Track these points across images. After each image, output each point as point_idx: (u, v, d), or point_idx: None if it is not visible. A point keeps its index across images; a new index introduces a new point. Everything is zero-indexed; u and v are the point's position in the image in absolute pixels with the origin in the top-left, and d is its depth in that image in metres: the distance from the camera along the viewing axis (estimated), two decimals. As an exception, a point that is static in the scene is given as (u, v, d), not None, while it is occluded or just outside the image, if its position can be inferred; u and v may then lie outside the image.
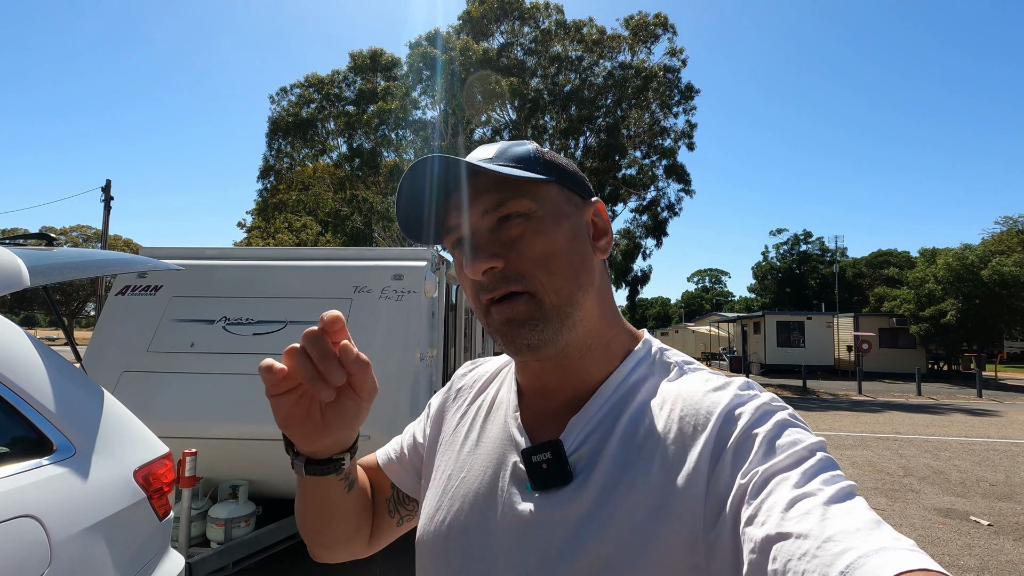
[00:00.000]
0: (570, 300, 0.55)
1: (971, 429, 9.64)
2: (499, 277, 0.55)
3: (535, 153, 0.59)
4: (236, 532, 3.33)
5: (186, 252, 4.42)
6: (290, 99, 20.70)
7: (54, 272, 1.80)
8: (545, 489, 0.54)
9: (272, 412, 0.57)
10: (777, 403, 0.52)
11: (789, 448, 0.45)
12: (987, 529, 4.60)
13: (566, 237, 0.57)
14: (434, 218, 0.60)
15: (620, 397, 0.56)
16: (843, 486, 0.42)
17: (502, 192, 0.55)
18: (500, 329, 0.56)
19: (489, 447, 0.62)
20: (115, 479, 1.64)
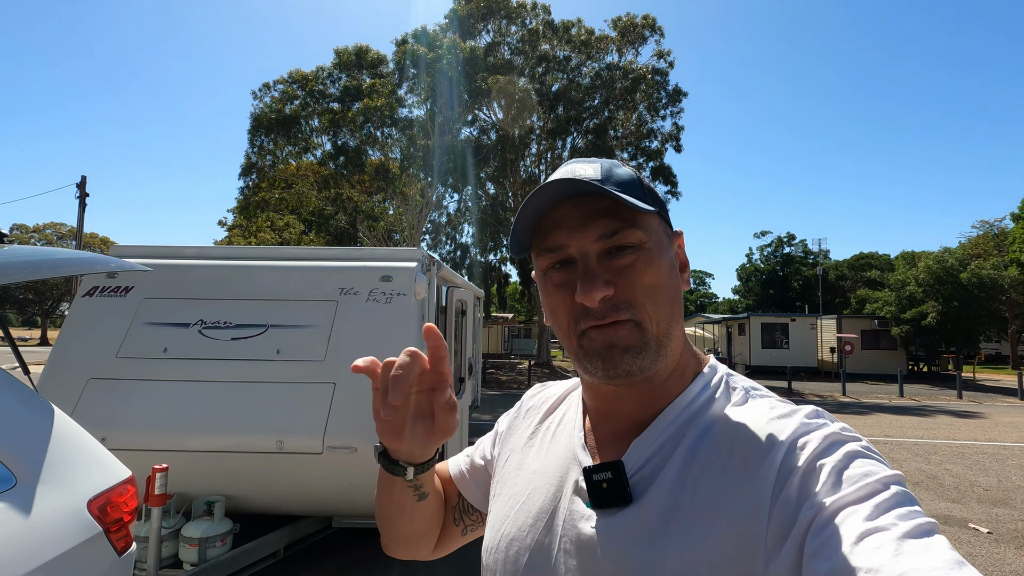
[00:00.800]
0: (668, 331, 0.56)
1: (957, 432, 9.69)
2: (609, 305, 0.55)
3: (638, 180, 0.59)
4: (211, 552, 3.10)
5: (159, 251, 4.16)
6: (273, 95, 20.27)
7: (8, 272, 1.58)
8: (605, 508, 0.54)
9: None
10: (848, 432, 0.50)
11: (861, 480, 0.44)
12: (987, 537, 4.53)
13: (667, 270, 0.57)
14: (530, 230, 0.58)
15: (684, 421, 0.56)
16: (921, 522, 0.40)
17: (617, 220, 0.55)
18: (600, 352, 0.55)
19: (554, 466, 0.63)
20: (65, 512, 1.42)
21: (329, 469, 3.26)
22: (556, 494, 0.60)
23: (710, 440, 0.53)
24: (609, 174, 0.57)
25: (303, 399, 3.39)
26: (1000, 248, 31.98)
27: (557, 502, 0.59)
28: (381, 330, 3.68)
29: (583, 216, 0.55)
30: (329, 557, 3.85)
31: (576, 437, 0.63)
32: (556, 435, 0.67)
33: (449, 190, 24.09)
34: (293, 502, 3.48)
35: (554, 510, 0.59)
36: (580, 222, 0.55)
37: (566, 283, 0.56)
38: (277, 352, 3.57)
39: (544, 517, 0.59)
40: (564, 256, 0.57)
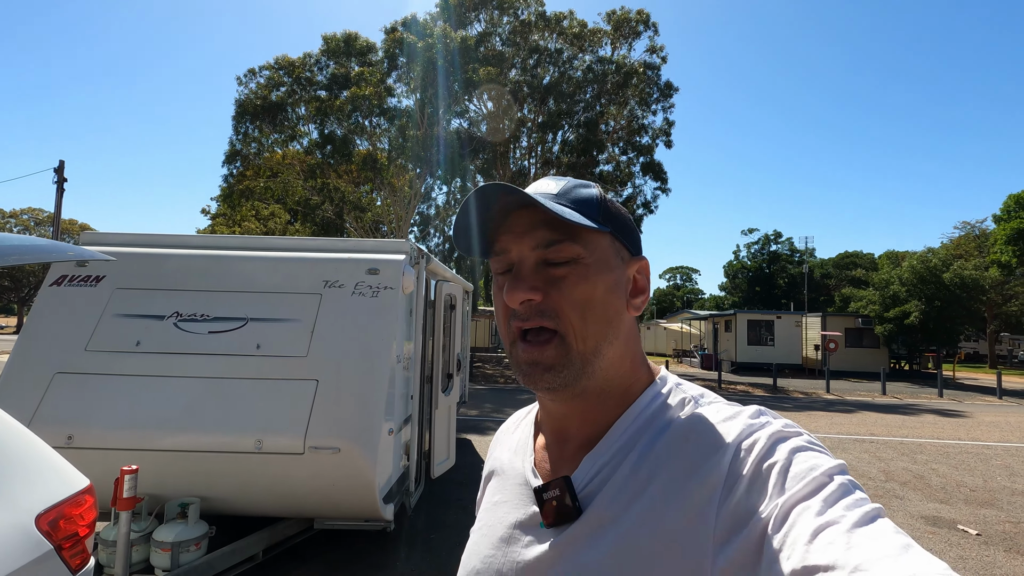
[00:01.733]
0: (595, 349, 0.56)
1: (941, 431, 9.77)
2: (535, 310, 0.56)
3: (598, 199, 0.60)
4: (185, 557, 2.95)
5: (133, 238, 3.96)
6: (259, 81, 19.82)
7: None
8: (557, 525, 0.55)
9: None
10: (791, 428, 0.51)
11: (807, 475, 0.45)
12: (976, 539, 4.52)
13: (605, 288, 0.57)
14: (484, 235, 0.61)
15: (633, 433, 0.57)
16: (867, 510, 0.41)
17: (557, 232, 0.56)
18: (523, 367, 0.57)
19: (511, 493, 0.64)
20: (8, 530, 1.27)
21: (311, 470, 3.12)
22: (514, 519, 0.61)
23: (658, 447, 0.54)
24: (568, 191, 0.59)
25: (284, 397, 3.23)
26: (981, 249, 32.50)
27: (513, 527, 0.60)
28: (367, 325, 3.53)
29: (526, 225, 0.57)
30: (310, 560, 3.71)
31: (527, 462, 0.65)
32: (512, 462, 0.68)
33: (438, 182, 23.83)
34: (273, 504, 3.34)
35: (511, 536, 0.60)
36: (523, 230, 0.57)
37: (504, 286, 0.59)
38: (257, 347, 3.41)
39: (503, 545, 0.60)
40: (507, 260, 0.59)
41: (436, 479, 5.03)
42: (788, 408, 12.50)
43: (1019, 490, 6.00)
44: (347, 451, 3.12)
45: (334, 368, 3.34)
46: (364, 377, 3.35)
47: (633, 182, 23.41)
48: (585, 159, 21.76)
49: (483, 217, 0.59)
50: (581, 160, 21.62)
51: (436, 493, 5.21)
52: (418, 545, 4.04)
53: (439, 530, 4.32)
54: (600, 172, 22.83)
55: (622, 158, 23.50)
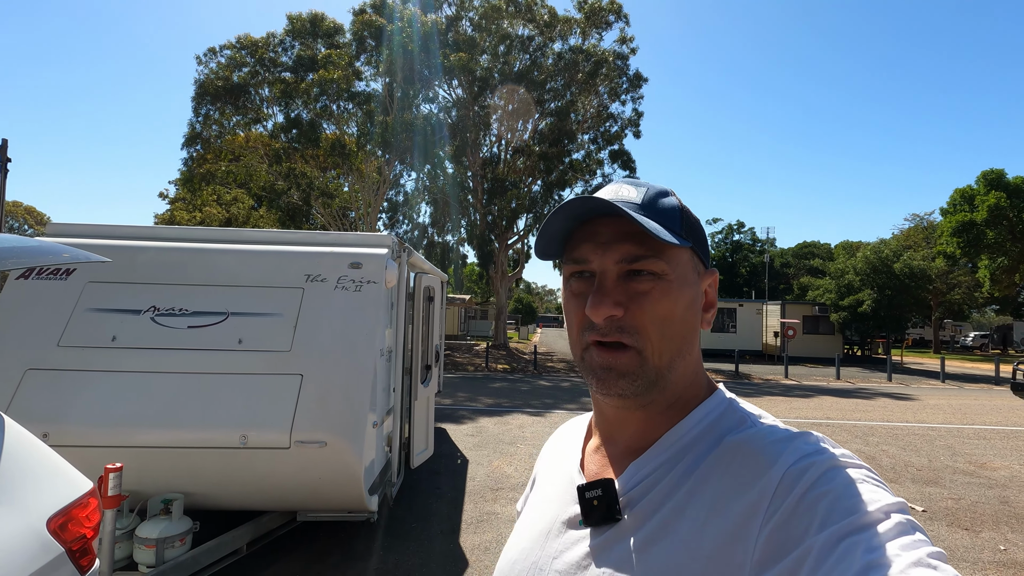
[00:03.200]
0: (670, 364, 0.57)
1: (892, 414, 10.36)
2: (615, 325, 0.56)
3: (680, 211, 0.59)
4: (170, 553, 2.94)
5: (105, 230, 3.85)
6: (219, 61, 19.11)
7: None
8: (596, 525, 0.56)
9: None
10: (850, 459, 0.49)
11: (862, 508, 0.43)
12: (921, 515, 4.86)
13: (685, 305, 0.57)
14: (564, 237, 0.60)
15: (684, 445, 0.57)
16: (928, 552, 0.39)
17: (642, 246, 0.56)
18: (597, 372, 0.56)
19: (556, 490, 0.65)
20: (23, 535, 1.28)
21: (297, 464, 3.14)
22: (555, 515, 0.62)
23: (705, 463, 0.54)
24: (652, 201, 0.58)
25: (268, 391, 3.23)
26: (929, 240, 34.17)
27: (554, 522, 0.61)
28: (350, 319, 3.54)
29: (611, 236, 0.56)
30: (294, 552, 3.73)
31: (574, 460, 0.66)
32: (562, 460, 0.70)
33: (407, 168, 23.53)
34: (257, 498, 3.34)
35: (550, 530, 0.61)
36: (607, 241, 0.57)
37: (582, 293, 0.58)
38: (239, 342, 3.39)
39: (542, 538, 0.61)
40: (586, 269, 0.58)
41: (415, 469, 5.09)
42: (750, 393, 13.00)
43: (960, 468, 6.45)
44: (333, 444, 3.15)
45: (318, 362, 3.36)
46: (349, 371, 3.37)
47: (602, 171, 23.67)
48: (556, 148, 21.84)
49: (563, 220, 0.58)
50: (552, 149, 21.69)
51: (415, 482, 5.28)
52: (399, 534, 4.11)
53: (419, 519, 4.40)
54: (570, 161, 22.97)
55: (591, 147, 23.69)
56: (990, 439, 8.17)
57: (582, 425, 0.73)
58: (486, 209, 21.95)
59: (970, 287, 31.70)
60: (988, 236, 25.69)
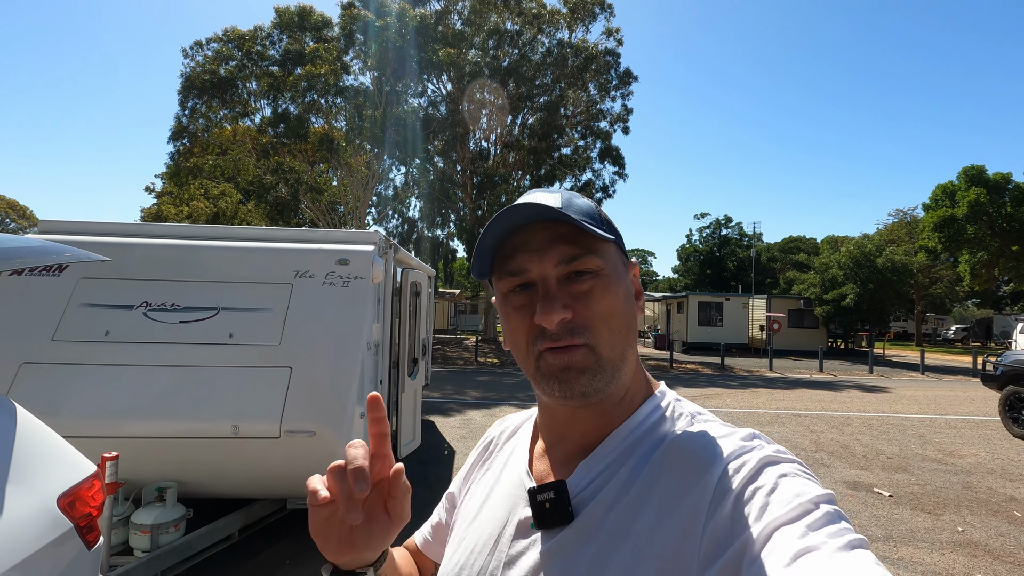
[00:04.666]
0: (622, 355, 0.58)
1: (868, 405, 10.65)
2: (566, 328, 0.55)
3: (597, 209, 0.61)
4: (164, 539, 3.07)
5: (96, 227, 3.94)
6: (206, 54, 18.98)
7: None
8: (547, 528, 0.56)
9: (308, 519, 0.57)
10: (782, 454, 0.52)
11: (793, 500, 0.45)
12: (888, 500, 5.09)
13: (623, 297, 0.59)
14: (494, 254, 0.60)
15: (631, 443, 0.58)
16: (850, 539, 0.42)
17: (577, 247, 0.56)
18: (556, 375, 0.56)
19: (504, 492, 0.65)
20: (36, 511, 1.41)
21: (287, 453, 3.27)
22: (503, 518, 0.61)
23: (653, 461, 0.55)
24: (569, 203, 0.59)
25: (258, 383, 3.35)
26: (912, 235, 34.74)
27: (503, 526, 0.61)
28: (337, 314, 3.66)
29: (544, 241, 0.57)
30: (283, 539, 3.87)
31: (523, 463, 0.66)
32: (508, 462, 0.69)
33: (396, 163, 23.53)
34: (248, 486, 3.47)
35: (500, 534, 0.60)
36: (541, 247, 0.57)
37: (525, 306, 0.58)
38: (230, 336, 3.50)
39: (491, 542, 0.60)
40: (525, 279, 0.58)
41: (403, 459, 5.23)
42: (733, 386, 13.27)
43: (929, 456, 6.71)
44: (322, 434, 3.28)
45: (307, 355, 3.48)
46: (336, 364, 3.50)
47: (592, 167, 23.81)
48: (546, 143, 21.95)
49: (498, 232, 0.58)
50: (542, 144, 21.79)
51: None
52: (387, 521, 4.25)
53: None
54: (560, 156, 23.09)
55: (580, 143, 23.81)
56: (960, 428, 8.47)
57: (528, 424, 0.73)
58: (475, 204, 22.03)
59: (951, 281, 32.32)
60: (968, 231, 26.17)
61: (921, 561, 3.83)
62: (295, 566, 3.53)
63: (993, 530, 4.41)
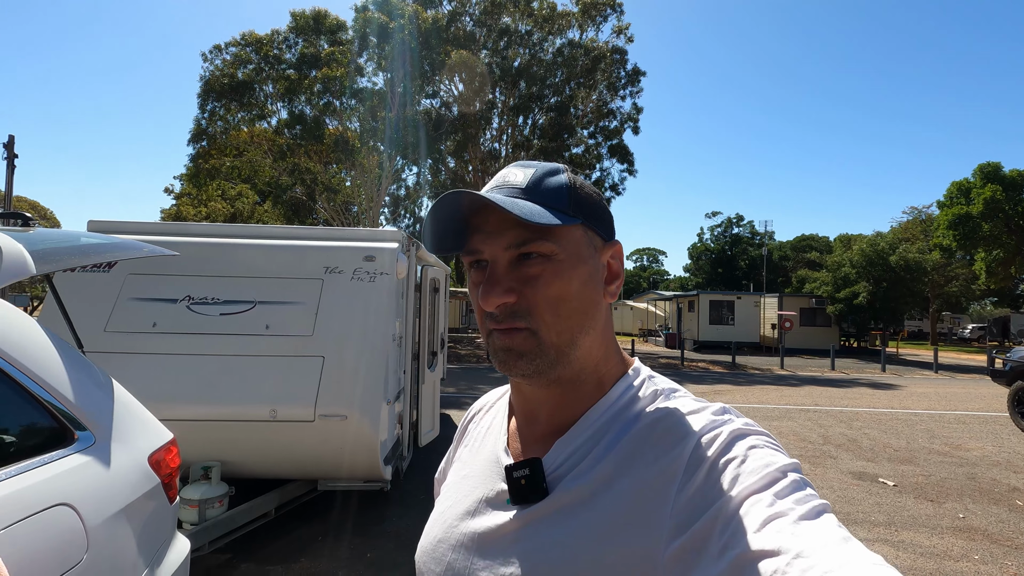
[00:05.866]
0: (570, 341, 0.58)
1: (878, 401, 10.75)
2: (508, 312, 0.57)
3: (568, 188, 0.59)
4: (210, 513, 3.34)
5: (142, 227, 4.23)
6: (225, 58, 19.41)
7: (57, 258, 1.75)
8: (523, 503, 0.57)
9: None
10: (751, 427, 0.54)
11: (762, 470, 0.47)
12: (893, 489, 5.25)
13: (580, 281, 0.58)
14: (455, 232, 0.60)
15: (605, 422, 0.59)
16: (815, 504, 0.45)
17: (528, 230, 0.56)
18: (498, 355, 0.58)
19: (480, 468, 0.66)
20: (134, 466, 1.66)
21: (320, 436, 3.52)
22: (481, 494, 0.63)
23: (628, 438, 0.56)
24: (537, 182, 0.58)
25: (294, 371, 3.61)
26: (926, 233, 34.44)
27: (480, 501, 0.62)
28: (365, 307, 3.91)
29: (497, 223, 0.57)
30: (314, 517, 4.13)
31: (500, 440, 0.67)
32: (484, 439, 0.70)
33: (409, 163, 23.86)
34: (284, 466, 3.73)
35: (476, 509, 0.62)
36: (494, 229, 0.57)
37: (479, 284, 0.58)
38: (266, 327, 3.76)
39: (467, 517, 0.62)
40: (480, 258, 0.59)
41: (423, 447, 5.48)
42: (743, 383, 13.39)
43: (935, 449, 6.84)
44: (353, 418, 3.54)
45: (338, 346, 3.73)
46: (365, 354, 3.75)
47: (601, 165, 23.96)
48: (556, 143, 22.14)
49: (451, 215, 0.58)
50: (552, 144, 21.99)
51: (423, 460, 5.67)
52: (408, 504, 4.50)
53: (427, 492, 4.79)
54: (570, 155, 23.26)
55: (591, 141, 23.97)
56: (969, 423, 8.56)
57: (503, 401, 0.74)
58: (487, 203, 22.22)
59: (967, 279, 32.01)
60: (984, 229, 25.93)
61: (921, 544, 4.00)
62: (326, 543, 3.79)
63: (993, 517, 4.56)
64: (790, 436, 7.42)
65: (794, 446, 6.88)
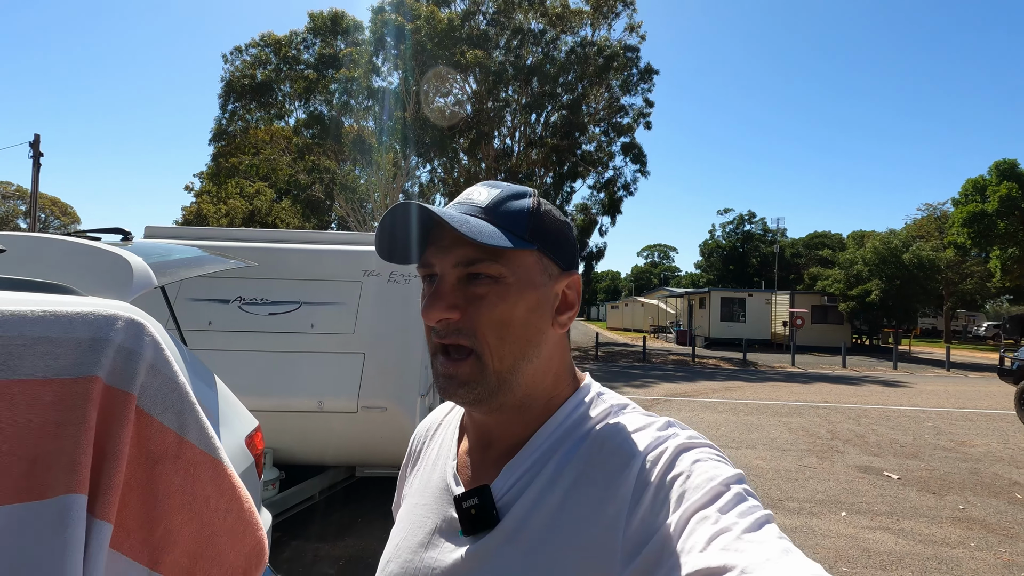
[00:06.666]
0: (512, 367, 0.57)
1: (887, 398, 10.93)
2: (452, 327, 0.57)
3: (528, 213, 0.59)
4: (264, 495, 3.68)
5: (195, 232, 4.58)
6: (245, 59, 19.85)
7: (170, 271, 2.07)
8: (475, 533, 0.56)
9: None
10: (696, 440, 0.54)
11: (706, 485, 0.48)
12: (896, 482, 5.49)
13: (527, 308, 0.58)
14: (412, 244, 0.61)
15: (552, 444, 0.59)
16: (757, 517, 0.45)
17: (479, 251, 0.56)
18: (440, 380, 0.59)
19: (432, 496, 0.65)
20: (235, 446, 1.99)
21: (362, 425, 3.85)
22: (433, 526, 0.62)
23: (576, 458, 0.56)
24: (497, 204, 0.58)
25: (337, 366, 3.94)
26: (942, 230, 34.23)
27: (432, 533, 0.61)
28: (401, 308, 4.23)
29: (450, 240, 0.57)
30: (353, 501, 4.48)
31: (449, 467, 0.65)
32: (435, 465, 0.69)
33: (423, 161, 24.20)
34: (328, 453, 4.07)
35: (430, 541, 0.61)
36: (447, 245, 0.57)
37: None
38: (311, 326, 4.09)
39: (421, 551, 0.61)
40: (431, 272, 0.59)
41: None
42: (754, 380, 13.59)
43: (942, 445, 7.05)
44: (392, 410, 3.86)
45: (377, 343, 4.05)
46: (401, 351, 4.07)
47: (613, 163, 24.15)
48: (568, 141, 22.36)
49: (408, 227, 0.59)
50: (564, 142, 22.21)
51: (447, 451, 6.01)
52: (439, 491, 4.83)
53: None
54: (581, 153, 23.47)
55: (603, 139, 24.13)
56: (976, 421, 8.74)
57: (452, 421, 0.73)
58: (500, 201, 22.48)
59: (982, 277, 31.81)
60: (999, 226, 25.81)
61: (920, 532, 4.26)
62: (365, 524, 4.13)
63: (992, 509, 4.80)
64: (799, 432, 7.66)
65: (802, 441, 7.13)
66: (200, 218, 24.40)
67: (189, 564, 0.71)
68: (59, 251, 1.95)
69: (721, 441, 7.03)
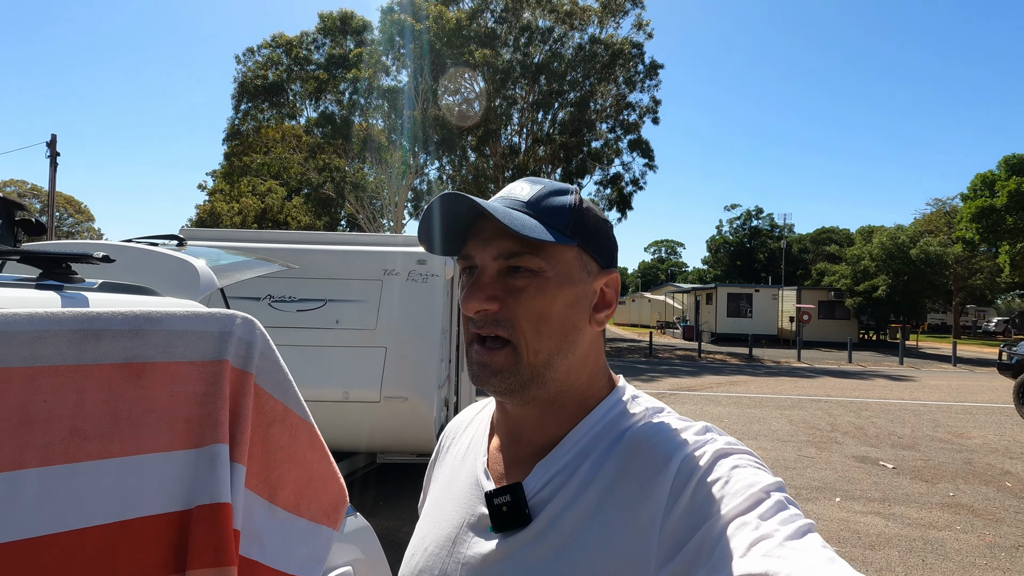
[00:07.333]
0: (547, 362, 0.58)
1: (889, 392, 11.12)
2: (491, 318, 0.57)
3: (570, 209, 0.59)
4: (295, 477, 3.98)
5: (227, 234, 4.92)
6: (257, 60, 20.18)
7: (227, 274, 2.34)
8: (505, 531, 0.56)
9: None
10: (734, 446, 0.54)
11: (746, 491, 0.47)
12: (891, 471, 5.73)
13: (565, 303, 0.58)
14: (454, 235, 0.62)
15: (586, 444, 0.58)
16: (800, 525, 0.44)
17: (520, 244, 0.57)
18: (474, 368, 0.59)
19: (460, 491, 0.65)
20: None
21: (384, 414, 4.15)
22: (462, 521, 0.62)
23: (610, 460, 0.56)
24: (540, 199, 0.59)
25: (361, 359, 4.24)
26: (950, 225, 34.11)
27: (462, 526, 0.61)
28: (419, 305, 4.52)
29: (492, 232, 0.57)
30: (374, 486, 4.78)
31: (479, 462, 0.65)
32: (464, 460, 0.69)
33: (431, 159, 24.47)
34: (352, 440, 4.37)
35: (457, 536, 0.60)
36: (489, 237, 0.58)
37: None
38: (336, 322, 4.39)
39: (449, 544, 0.61)
40: (472, 264, 0.60)
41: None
42: (760, 374, 13.80)
43: (938, 437, 7.27)
44: (412, 400, 4.15)
45: (397, 338, 4.34)
46: (420, 345, 4.35)
47: (621, 159, 24.30)
48: (576, 138, 22.55)
49: (451, 218, 0.59)
50: (572, 139, 22.40)
51: (460, 441, 6.31)
52: (454, 477, 5.13)
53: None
54: (589, 150, 23.65)
55: (610, 135, 24.29)
56: (975, 414, 8.93)
57: (484, 418, 0.73)
58: (508, 198, 22.70)
59: (991, 272, 31.70)
60: (1008, 222, 25.72)
61: (909, 516, 4.50)
62: (387, 508, 4.43)
63: (981, 495, 5.03)
64: (799, 424, 7.89)
65: (803, 433, 7.37)
66: (213, 216, 24.85)
67: (295, 500, 1.00)
68: (133, 258, 2.23)
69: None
